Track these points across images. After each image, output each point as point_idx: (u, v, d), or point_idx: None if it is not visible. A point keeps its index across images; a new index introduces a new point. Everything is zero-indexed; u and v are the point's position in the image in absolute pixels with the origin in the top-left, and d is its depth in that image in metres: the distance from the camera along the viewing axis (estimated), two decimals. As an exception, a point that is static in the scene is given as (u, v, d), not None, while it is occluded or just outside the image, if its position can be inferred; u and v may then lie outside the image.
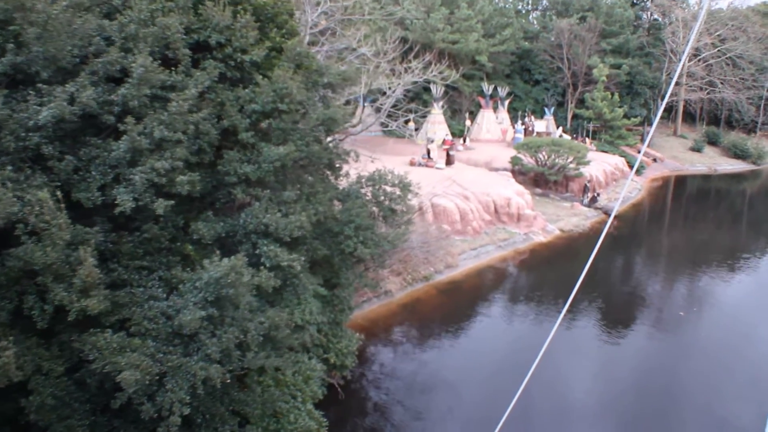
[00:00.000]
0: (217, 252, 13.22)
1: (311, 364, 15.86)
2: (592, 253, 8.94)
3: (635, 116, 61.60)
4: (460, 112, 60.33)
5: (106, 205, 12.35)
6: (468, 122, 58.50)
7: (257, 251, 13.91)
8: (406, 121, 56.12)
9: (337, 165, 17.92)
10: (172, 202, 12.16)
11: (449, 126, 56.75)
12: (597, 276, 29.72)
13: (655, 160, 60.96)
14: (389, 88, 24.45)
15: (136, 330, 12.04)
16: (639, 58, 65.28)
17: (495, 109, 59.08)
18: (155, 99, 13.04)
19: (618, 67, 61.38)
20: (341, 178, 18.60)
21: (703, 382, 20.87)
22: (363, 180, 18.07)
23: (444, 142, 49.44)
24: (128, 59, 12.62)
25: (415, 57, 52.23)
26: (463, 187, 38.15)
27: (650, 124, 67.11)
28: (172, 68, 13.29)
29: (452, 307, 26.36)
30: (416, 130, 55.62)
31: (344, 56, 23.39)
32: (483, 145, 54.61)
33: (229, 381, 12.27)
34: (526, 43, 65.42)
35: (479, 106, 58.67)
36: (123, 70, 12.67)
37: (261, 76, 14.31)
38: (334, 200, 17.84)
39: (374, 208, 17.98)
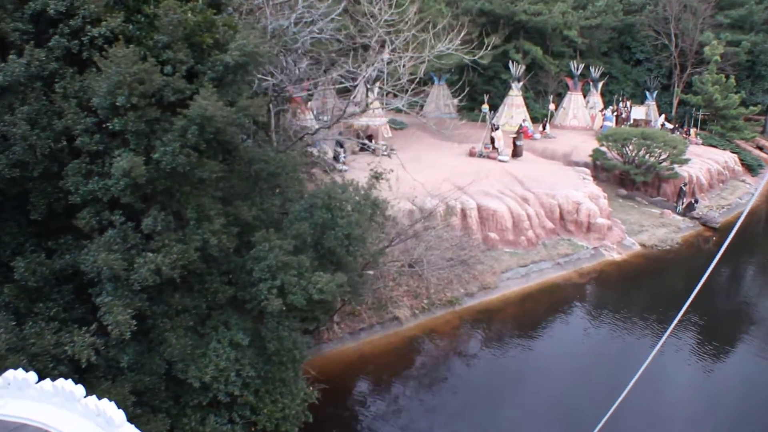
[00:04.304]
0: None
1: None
2: (701, 280, 7.80)
3: (756, 104, 51.87)
4: (545, 94, 53.55)
5: None
6: (552, 106, 51.76)
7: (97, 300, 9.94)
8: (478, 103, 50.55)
9: (296, 174, 13.67)
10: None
11: (531, 110, 50.44)
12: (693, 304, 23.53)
13: (776, 158, 51.38)
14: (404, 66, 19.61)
15: None
16: (765, 34, 54.90)
17: (585, 91, 51.99)
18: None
19: (737, 44, 51.65)
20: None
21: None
22: (312, 196, 13.55)
23: (520, 129, 42.88)
24: None
25: (495, 31, 46.65)
26: (525, 185, 32.44)
27: (774, 114, 56.96)
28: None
29: (476, 344, 21.28)
30: (493, 112, 49.86)
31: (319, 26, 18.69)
32: (567, 133, 47.84)
33: None
34: (627, 16, 56.92)
35: (567, 88, 51.80)
36: None
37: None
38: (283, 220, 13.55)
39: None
